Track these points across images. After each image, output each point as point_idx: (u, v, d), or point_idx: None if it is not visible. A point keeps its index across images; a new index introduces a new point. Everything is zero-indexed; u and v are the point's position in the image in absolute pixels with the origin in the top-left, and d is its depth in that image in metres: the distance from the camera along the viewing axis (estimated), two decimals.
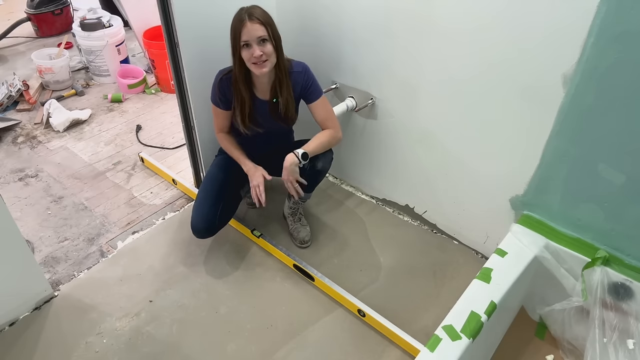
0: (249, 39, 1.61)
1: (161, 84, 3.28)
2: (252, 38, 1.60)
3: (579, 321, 1.61)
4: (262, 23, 1.60)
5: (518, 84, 1.59)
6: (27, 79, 3.22)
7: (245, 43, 1.62)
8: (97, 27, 3.19)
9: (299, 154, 1.76)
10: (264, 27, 1.61)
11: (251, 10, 1.62)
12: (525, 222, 1.74)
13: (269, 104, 1.82)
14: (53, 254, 2.04)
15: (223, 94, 1.80)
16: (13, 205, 2.27)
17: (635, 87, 1.34)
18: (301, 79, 1.79)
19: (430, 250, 2.11)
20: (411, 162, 2.09)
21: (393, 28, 1.81)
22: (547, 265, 1.65)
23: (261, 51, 1.62)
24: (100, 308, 1.82)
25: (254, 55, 1.62)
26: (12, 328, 1.74)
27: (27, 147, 2.70)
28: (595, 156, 1.50)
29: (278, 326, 1.78)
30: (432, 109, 1.88)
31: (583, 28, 1.36)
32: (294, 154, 1.76)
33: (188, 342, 1.72)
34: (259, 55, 1.62)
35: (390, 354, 1.70)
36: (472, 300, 1.45)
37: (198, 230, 1.88)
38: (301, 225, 2.11)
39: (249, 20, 1.59)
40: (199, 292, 1.89)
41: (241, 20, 1.60)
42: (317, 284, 1.92)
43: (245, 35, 1.60)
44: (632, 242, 1.55)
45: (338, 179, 2.50)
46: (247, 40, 1.61)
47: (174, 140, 2.79)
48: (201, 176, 2.28)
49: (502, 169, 1.79)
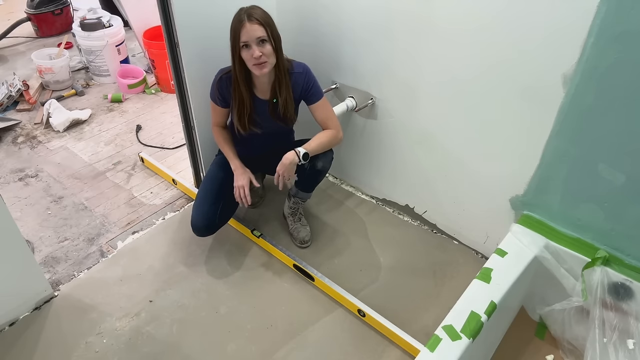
0: (248, 40, 1.61)
1: (161, 84, 3.28)
2: (251, 39, 1.60)
3: (579, 321, 1.61)
4: (261, 24, 1.60)
5: (518, 84, 1.59)
6: (27, 79, 3.22)
7: (245, 44, 1.62)
8: (97, 27, 3.19)
9: (300, 153, 1.76)
10: (263, 27, 1.60)
11: (250, 11, 1.61)
12: (525, 222, 1.74)
13: (268, 103, 1.82)
14: (53, 254, 2.04)
15: (221, 92, 1.80)
16: (13, 205, 2.27)
17: (635, 87, 1.34)
18: (302, 80, 1.79)
19: (430, 250, 2.11)
20: (411, 162, 2.09)
21: (393, 28, 1.81)
22: (547, 265, 1.65)
23: (260, 52, 1.62)
24: (100, 308, 1.82)
25: (254, 56, 1.62)
26: (12, 328, 1.74)
27: (27, 147, 2.70)
28: (595, 156, 1.50)
29: (278, 326, 1.78)
30: (432, 109, 1.88)
31: (583, 28, 1.36)
32: (296, 153, 1.76)
33: (188, 342, 1.72)
34: (258, 56, 1.62)
35: (390, 354, 1.70)
36: (472, 300, 1.45)
37: (198, 229, 1.88)
38: (301, 225, 2.11)
39: (248, 21, 1.59)
40: (199, 292, 1.89)
41: (240, 20, 1.60)
42: (317, 284, 1.92)
43: (244, 36, 1.60)
44: (632, 242, 1.55)
45: (338, 179, 2.50)
46: (246, 41, 1.61)
47: (174, 140, 2.79)
48: (201, 176, 2.28)
49: (502, 169, 1.79)
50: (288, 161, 1.76)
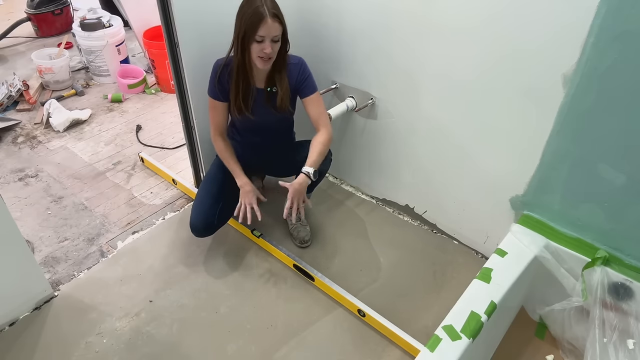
0: (265, 36, 1.59)
1: (161, 84, 3.28)
2: (269, 36, 1.59)
3: (579, 321, 1.61)
4: (281, 23, 1.60)
5: (518, 85, 1.59)
6: (27, 79, 3.22)
7: (261, 38, 1.60)
8: (97, 27, 3.19)
9: (310, 174, 1.75)
10: (282, 26, 1.61)
11: (269, 4, 1.57)
12: (525, 222, 1.74)
13: (264, 92, 1.81)
14: (53, 254, 2.04)
15: (222, 83, 1.78)
16: (13, 205, 2.27)
17: (635, 87, 1.34)
18: (296, 70, 1.79)
19: (430, 250, 2.11)
20: (411, 162, 2.09)
21: (393, 28, 1.81)
22: (547, 265, 1.65)
23: (272, 49, 1.61)
24: (100, 308, 1.82)
25: (265, 51, 1.61)
26: (12, 328, 1.74)
27: (27, 147, 2.70)
28: (596, 156, 1.50)
29: (278, 326, 1.78)
30: (432, 109, 1.88)
31: (583, 28, 1.36)
32: (306, 175, 1.74)
33: (188, 342, 1.72)
34: (269, 52, 1.61)
35: (390, 354, 1.70)
36: (472, 300, 1.45)
37: (197, 229, 1.88)
38: (301, 225, 2.11)
39: (271, 18, 1.56)
40: (199, 292, 1.89)
41: (261, 14, 1.56)
42: (317, 284, 1.92)
43: (263, 31, 1.57)
44: (632, 242, 1.55)
45: (338, 179, 2.50)
46: (263, 37, 1.59)
47: (174, 140, 2.79)
48: (201, 176, 2.28)
49: (503, 169, 1.79)
50: (300, 185, 1.73)
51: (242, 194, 1.86)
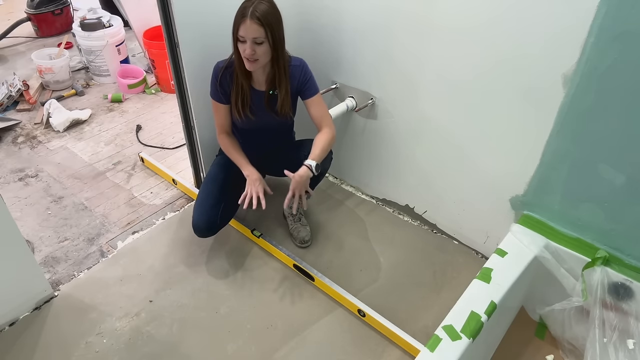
0: (245, 36, 1.60)
1: (161, 84, 3.28)
2: (248, 37, 1.59)
3: (579, 321, 1.61)
4: (261, 24, 1.57)
5: (518, 85, 1.59)
6: (27, 79, 3.22)
7: (242, 39, 1.61)
8: (97, 27, 3.19)
9: (312, 167, 1.74)
10: (263, 29, 1.58)
11: (256, 7, 1.57)
12: (525, 222, 1.74)
13: (265, 95, 1.81)
14: (53, 254, 2.04)
15: (223, 86, 1.78)
16: (13, 205, 2.27)
17: (635, 87, 1.34)
18: (298, 72, 1.79)
19: (430, 250, 2.11)
20: (411, 162, 2.09)
21: (393, 28, 1.81)
22: (547, 265, 1.65)
23: (253, 50, 1.61)
24: (100, 308, 1.82)
25: (245, 52, 1.62)
26: (12, 328, 1.74)
27: (27, 147, 2.70)
28: (595, 156, 1.50)
29: (278, 326, 1.78)
30: (432, 109, 1.88)
31: (583, 28, 1.36)
32: (308, 168, 1.74)
33: (188, 342, 1.72)
34: (249, 54, 1.61)
35: (390, 354, 1.70)
36: (472, 300, 1.45)
37: (200, 230, 1.88)
38: (301, 225, 2.11)
39: (250, 18, 1.56)
40: (199, 292, 1.89)
41: (243, 15, 1.57)
42: (317, 284, 1.92)
43: (242, 31, 1.59)
44: (632, 242, 1.55)
45: (338, 179, 2.50)
46: (242, 37, 1.61)
47: (174, 140, 2.79)
48: (201, 176, 2.28)
49: (502, 169, 1.79)
50: (302, 177, 1.72)
51: (249, 182, 1.82)
